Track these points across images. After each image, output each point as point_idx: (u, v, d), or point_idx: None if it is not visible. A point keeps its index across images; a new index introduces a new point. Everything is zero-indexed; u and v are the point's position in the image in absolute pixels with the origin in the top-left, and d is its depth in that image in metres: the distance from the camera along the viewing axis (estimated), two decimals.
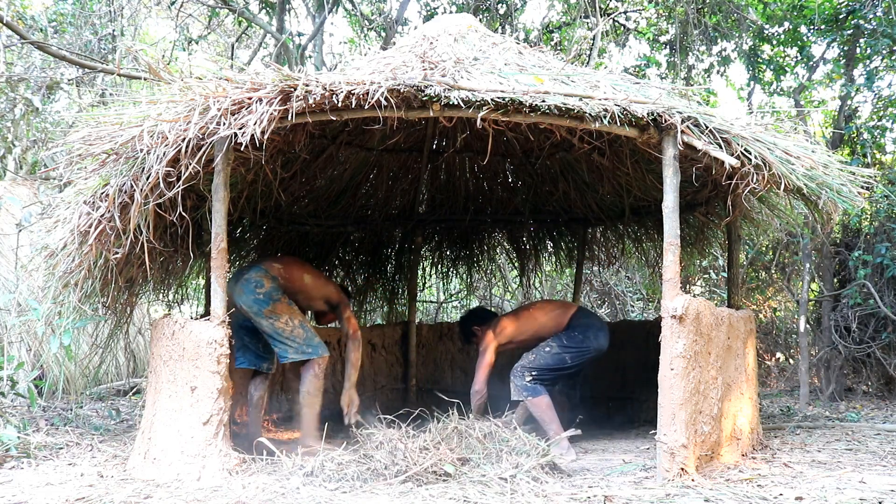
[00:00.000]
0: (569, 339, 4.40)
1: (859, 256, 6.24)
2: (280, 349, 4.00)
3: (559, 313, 4.56)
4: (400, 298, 6.54)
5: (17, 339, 5.98)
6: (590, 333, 4.44)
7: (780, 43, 7.87)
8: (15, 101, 7.73)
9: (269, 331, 3.98)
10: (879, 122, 6.79)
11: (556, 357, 4.34)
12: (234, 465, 3.32)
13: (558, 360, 4.33)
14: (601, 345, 4.46)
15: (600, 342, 4.45)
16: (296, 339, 3.97)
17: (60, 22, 8.02)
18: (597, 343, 4.44)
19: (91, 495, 3.04)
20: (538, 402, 4.22)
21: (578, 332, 4.43)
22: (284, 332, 3.96)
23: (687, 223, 5.31)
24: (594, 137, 3.95)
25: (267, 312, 3.93)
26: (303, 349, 3.99)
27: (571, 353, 4.35)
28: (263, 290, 3.96)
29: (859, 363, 6.73)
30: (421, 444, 3.42)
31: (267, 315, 3.94)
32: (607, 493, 3.00)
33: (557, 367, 4.33)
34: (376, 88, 3.16)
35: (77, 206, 3.63)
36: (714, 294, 8.29)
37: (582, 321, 4.50)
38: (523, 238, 6.62)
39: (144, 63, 3.72)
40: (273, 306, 3.95)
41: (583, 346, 4.39)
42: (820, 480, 3.27)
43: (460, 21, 4.67)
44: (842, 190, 3.68)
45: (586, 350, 4.39)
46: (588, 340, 4.41)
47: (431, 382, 6.16)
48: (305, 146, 4.45)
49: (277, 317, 3.95)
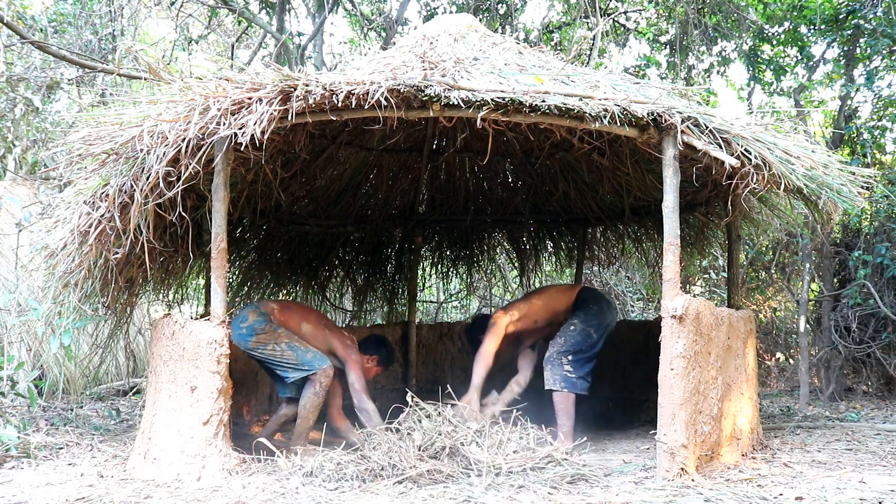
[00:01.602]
0: (586, 314, 4.43)
1: (859, 256, 6.24)
2: (280, 373, 4.04)
3: (565, 295, 4.62)
4: (400, 298, 6.54)
5: (17, 339, 5.98)
6: (603, 304, 4.55)
7: (780, 43, 7.87)
8: (15, 101, 7.73)
9: (263, 360, 4.06)
10: (879, 122, 6.79)
11: (583, 334, 4.35)
12: (234, 465, 3.32)
13: (585, 336, 4.35)
14: (613, 318, 4.58)
15: (613, 315, 4.59)
16: (288, 361, 4.00)
17: (60, 22, 8.02)
18: (611, 316, 4.55)
19: (91, 495, 3.05)
20: (570, 398, 4.23)
21: (592, 304, 4.49)
22: (275, 358, 4.00)
23: (687, 223, 5.31)
24: (594, 137, 3.95)
25: (253, 344, 3.99)
26: (300, 367, 4.01)
27: (594, 326, 4.40)
28: (246, 325, 4.01)
29: (859, 363, 6.73)
30: (419, 445, 3.42)
31: (254, 347, 3.99)
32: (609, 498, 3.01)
33: (588, 346, 4.35)
34: (376, 88, 3.16)
35: (77, 206, 3.63)
36: (714, 294, 8.29)
37: (590, 295, 4.62)
38: (523, 238, 6.62)
39: (144, 63, 3.73)
40: (257, 337, 3.99)
41: (601, 318, 4.45)
42: (820, 480, 3.27)
43: (460, 21, 4.67)
44: (842, 190, 3.68)
45: (605, 323, 4.46)
46: (603, 313, 4.49)
47: (431, 383, 6.16)
48: (305, 146, 4.45)
49: (264, 346, 3.99)
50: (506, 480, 3.24)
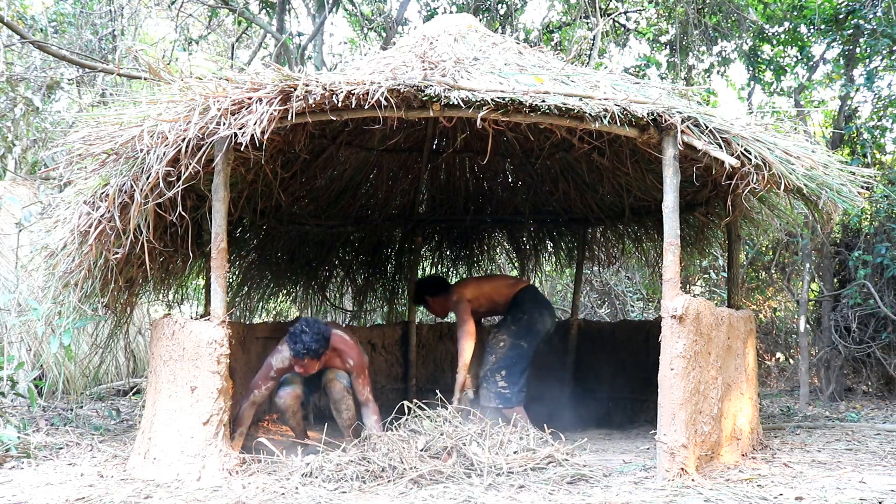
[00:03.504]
0: (515, 324, 4.51)
1: (859, 256, 6.24)
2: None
3: (507, 289, 4.72)
4: (400, 298, 6.54)
5: (17, 339, 5.98)
6: (534, 313, 4.56)
7: (780, 43, 7.88)
8: (15, 101, 7.73)
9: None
10: (879, 122, 6.79)
11: (514, 348, 4.44)
12: (234, 465, 3.32)
13: (516, 349, 4.44)
14: (546, 325, 4.59)
15: (545, 322, 4.59)
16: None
17: (60, 22, 8.02)
18: (542, 324, 4.56)
19: (91, 495, 3.05)
20: (507, 413, 4.29)
21: (523, 313, 4.54)
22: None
23: (687, 223, 5.31)
24: (594, 137, 3.95)
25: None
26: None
27: (523, 337, 4.47)
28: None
29: (859, 363, 6.73)
30: (419, 447, 3.42)
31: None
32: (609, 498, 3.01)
33: (520, 358, 4.44)
34: (376, 88, 3.16)
35: (77, 206, 3.63)
36: (714, 294, 8.28)
37: (528, 298, 4.63)
38: (523, 238, 6.61)
39: (144, 63, 3.73)
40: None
41: (530, 327, 4.51)
42: (820, 480, 3.27)
43: (460, 21, 4.67)
44: (842, 190, 3.68)
45: (535, 332, 4.51)
46: (533, 321, 4.53)
47: (431, 383, 6.17)
48: (305, 146, 4.45)
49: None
50: (506, 480, 3.24)
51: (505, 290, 4.76)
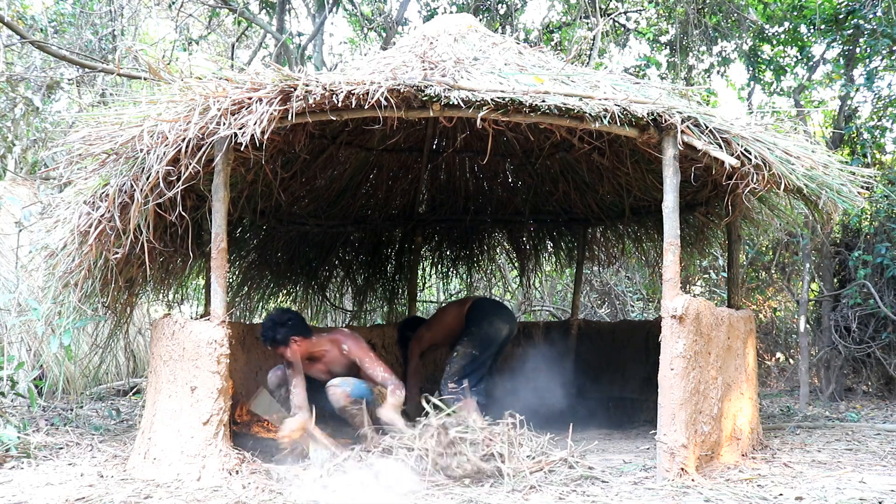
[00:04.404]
0: (468, 338, 4.78)
1: (859, 256, 6.24)
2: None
3: (458, 312, 4.99)
4: (400, 298, 6.53)
5: (17, 339, 5.98)
6: (483, 324, 4.80)
7: (780, 43, 7.87)
8: (15, 101, 7.74)
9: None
10: (879, 122, 6.79)
11: (466, 357, 4.71)
12: (234, 465, 3.32)
13: (469, 358, 4.71)
14: (500, 331, 4.82)
15: (498, 329, 4.81)
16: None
17: (60, 22, 8.02)
18: (494, 331, 4.79)
19: (91, 495, 3.05)
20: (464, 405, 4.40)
21: (473, 327, 4.80)
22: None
23: (687, 223, 5.31)
24: (594, 137, 3.95)
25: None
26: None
27: (476, 346, 4.75)
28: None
29: (859, 363, 6.73)
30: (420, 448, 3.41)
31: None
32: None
33: (471, 362, 4.70)
34: (376, 88, 3.16)
35: (77, 206, 3.63)
36: (714, 294, 8.28)
37: (475, 313, 4.88)
38: (523, 238, 6.61)
39: (144, 63, 3.73)
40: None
41: (483, 337, 4.76)
42: (820, 480, 3.27)
43: (460, 21, 4.67)
44: (842, 190, 3.68)
45: (488, 339, 4.77)
46: (483, 331, 4.77)
47: (431, 382, 6.15)
48: (305, 146, 4.45)
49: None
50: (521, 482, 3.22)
51: (456, 312, 5.02)
